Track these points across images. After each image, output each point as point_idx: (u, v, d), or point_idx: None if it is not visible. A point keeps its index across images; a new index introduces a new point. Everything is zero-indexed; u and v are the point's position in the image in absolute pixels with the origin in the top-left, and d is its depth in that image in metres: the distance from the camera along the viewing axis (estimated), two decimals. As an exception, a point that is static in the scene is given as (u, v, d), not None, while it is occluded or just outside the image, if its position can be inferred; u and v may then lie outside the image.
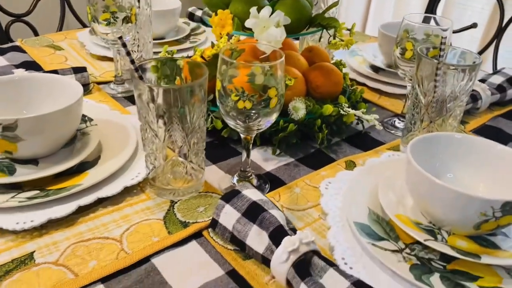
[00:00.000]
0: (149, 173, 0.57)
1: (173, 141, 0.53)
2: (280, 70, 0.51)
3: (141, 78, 0.51)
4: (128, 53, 0.51)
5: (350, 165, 0.65)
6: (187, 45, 1.05)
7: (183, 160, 0.55)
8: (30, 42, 1.05)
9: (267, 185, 0.60)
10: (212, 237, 0.51)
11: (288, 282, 0.44)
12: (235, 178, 0.61)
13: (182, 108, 0.51)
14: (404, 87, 0.89)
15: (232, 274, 0.46)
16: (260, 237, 0.47)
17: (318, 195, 0.59)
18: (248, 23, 0.63)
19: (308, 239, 0.44)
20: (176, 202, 0.56)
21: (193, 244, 0.50)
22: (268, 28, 0.63)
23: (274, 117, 0.54)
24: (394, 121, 0.80)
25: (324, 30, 0.71)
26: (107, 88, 0.85)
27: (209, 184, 0.60)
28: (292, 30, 0.68)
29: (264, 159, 0.67)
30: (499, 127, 0.81)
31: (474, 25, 1.34)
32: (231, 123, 0.55)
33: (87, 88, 0.83)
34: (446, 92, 0.62)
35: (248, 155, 0.58)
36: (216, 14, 0.69)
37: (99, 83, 0.86)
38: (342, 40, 0.71)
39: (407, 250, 0.49)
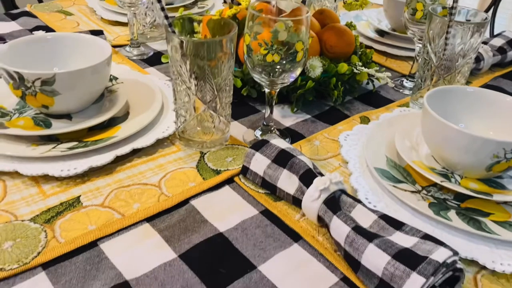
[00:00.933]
0: (179, 126, 0.60)
1: (203, 95, 0.56)
2: (306, 25, 0.54)
3: (173, 32, 0.54)
4: (163, 9, 0.54)
5: (365, 120, 0.69)
6: (195, 10, 1.07)
7: (212, 114, 0.58)
8: (39, 8, 1.05)
9: (288, 139, 0.64)
10: (243, 183, 0.55)
11: (319, 218, 0.48)
12: (258, 131, 0.64)
13: (213, 62, 0.54)
14: (410, 49, 0.93)
15: (265, 213, 0.50)
16: (291, 180, 0.51)
17: (337, 147, 0.63)
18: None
19: (337, 179, 0.48)
20: (205, 153, 0.59)
21: (227, 188, 0.54)
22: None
23: (298, 71, 0.57)
24: (402, 81, 0.83)
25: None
26: (122, 51, 0.87)
27: (234, 138, 0.63)
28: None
29: (282, 116, 0.70)
30: (500, 86, 0.85)
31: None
32: (256, 77, 0.58)
33: (104, 51, 0.84)
34: (456, 50, 0.66)
35: (271, 110, 0.62)
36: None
37: (114, 46, 0.88)
38: (357, 0, 0.73)
39: (424, 192, 0.53)
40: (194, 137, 0.60)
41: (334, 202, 0.47)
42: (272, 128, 0.64)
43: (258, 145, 0.55)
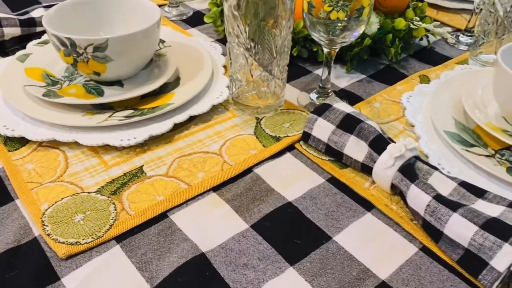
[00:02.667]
0: (234, 91, 0.58)
1: (261, 58, 0.53)
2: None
3: (230, -8, 0.51)
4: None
5: (425, 79, 0.66)
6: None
7: (269, 77, 0.55)
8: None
9: (345, 101, 0.61)
10: (305, 149, 0.53)
11: (392, 186, 0.46)
12: (314, 94, 0.61)
13: (273, 21, 0.50)
14: (464, 0, 0.87)
15: (332, 181, 0.49)
16: (359, 146, 0.49)
17: (399, 109, 0.60)
18: None
19: (412, 145, 0.45)
20: (261, 119, 0.57)
21: (288, 156, 0.52)
22: None
23: (362, 29, 0.53)
24: (458, 36, 0.78)
25: None
26: (161, 12, 0.84)
27: (289, 102, 0.61)
28: None
29: (336, 77, 0.67)
30: None
31: None
32: (315, 35, 0.55)
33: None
34: (528, 0, 0.61)
35: (329, 72, 0.59)
36: None
37: (152, 7, 0.85)
38: None
39: (498, 156, 0.50)
40: (249, 102, 0.58)
41: (410, 170, 0.44)
42: (329, 91, 0.61)
43: (320, 110, 0.52)
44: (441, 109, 0.56)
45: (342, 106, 0.52)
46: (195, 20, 0.82)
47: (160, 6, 0.86)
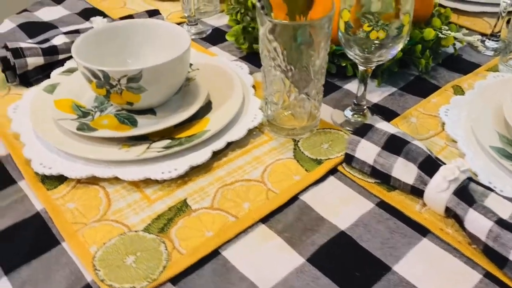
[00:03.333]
0: (270, 113, 0.56)
1: (298, 80, 0.52)
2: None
3: (266, 14, 0.50)
4: (256, -9, 0.49)
5: (458, 90, 0.64)
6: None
7: (305, 98, 0.54)
8: (80, -12, 1.00)
9: (380, 117, 0.60)
10: (349, 172, 0.51)
11: (446, 210, 0.45)
12: (349, 112, 0.60)
13: (311, 44, 0.49)
14: (487, 4, 0.85)
15: (382, 205, 0.48)
16: (407, 168, 0.47)
17: (436, 123, 0.59)
18: None
19: (465, 167, 0.44)
20: (298, 141, 0.56)
21: (332, 179, 0.51)
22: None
23: (400, 46, 0.52)
24: (484, 41, 0.77)
25: None
26: (179, 30, 0.82)
27: (323, 120, 0.60)
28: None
29: (374, 93, 0.66)
30: None
31: None
32: (350, 54, 0.54)
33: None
34: None
35: (365, 89, 0.58)
36: None
37: (169, 25, 0.84)
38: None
39: (548, 170, 0.49)
40: (285, 124, 0.57)
41: (466, 193, 0.43)
42: (365, 107, 0.60)
43: (362, 131, 0.51)
44: (481, 122, 0.55)
45: (385, 126, 0.51)
46: (215, 37, 0.80)
47: (178, 24, 0.85)
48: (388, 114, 0.61)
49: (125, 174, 0.49)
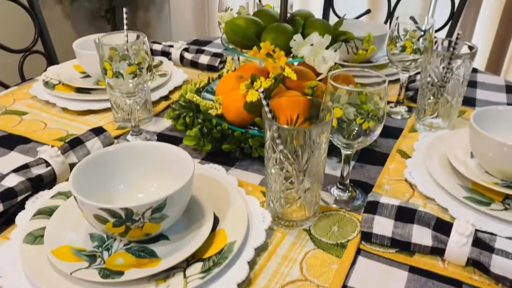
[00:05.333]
0: (278, 209, 0.59)
1: (302, 180, 0.56)
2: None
3: (273, 118, 0.54)
4: (265, 98, 0.53)
5: (403, 154, 0.76)
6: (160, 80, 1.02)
7: (311, 189, 0.58)
8: (-21, 113, 0.90)
9: (377, 193, 0.67)
10: (371, 248, 0.57)
11: (468, 261, 0.53)
12: (335, 191, 0.66)
13: (310, 147, 0.54)
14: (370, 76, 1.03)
15: (413, 270, 0.54)
16: (423, 233, 0.55)
17: (407, 186, 0.68)
18: (304, 51, 0.68)
19: (471, 221, 0.53)
20: (309, 229, 0.60)
21: (361, 259, 0.55)
22: (320, 52, 0.69)
23: (379, 130, 0.61)
24: (393, 107, 0.93)
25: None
26: (122, 141, 0.80)
27: (316, 204, 0.64)
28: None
29: (333, 168, 0.73)
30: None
31: (368, 11, 1.56)
32: (334, 141, 0.61)
33: (110, 148, 0.77)
34: (460, 77, 0.77)
35: (349, 170, 0.65)
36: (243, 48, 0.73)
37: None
38: (366, 50, 0.80)
39: (506, 206, 0.62)
40: (294, 217, 0.60)
41: (482, 242, 0.52)
42: (350, 186, 0.66)
43: (371, 209, 0.57)
44: (443, 178, 0.66)
45: (387, 200, 0.58)
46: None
47: (118, 136, 0.82)
48: (365, 187, 0.69)
49: (179, 312, 0.46)
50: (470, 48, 0.78)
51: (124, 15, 0.77)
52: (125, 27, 0.76)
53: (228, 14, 0.81)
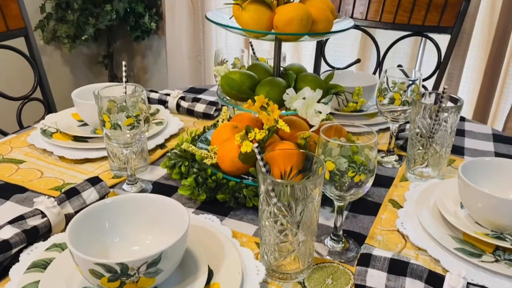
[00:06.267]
0: (272, 262, 0.59)
1: (298, 232, 0.57)
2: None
3: (268, 172, 0.55)
4: (260, 153, 0.54)
5: (395, 204, 0.78)
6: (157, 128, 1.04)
7: (305, 241, 0.59)
8: (-24, 162, 0.91)
9: (371, 245, 0.68)
10: (365, 300, 0.57)
11: (460, 312, 0.53)
12: (329, 242, 0.67)
13: (304, 200, 0.55)
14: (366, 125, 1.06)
15: (407, 325, 0.54)
16: (416, 286, 0.55)
17: (399, 237, 0.69)
18: (297, 105, 0.71)
19: (463, 274, 0.54)
20: (303, 282, 0.60)
21: (355, 312, 0.56)
22: (312, 105, 0.72)
23: (370, 183, 0.62)
24: (383, 157, 0.95)
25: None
26: (119, 191, 0.81)
27: (310, 256, 0.65)
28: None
29: (326, 218, 0.74)
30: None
31: (358, 61, 1.61)
32: (327, 192, 0.62)
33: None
34: (448, 128, 0.80)
35: (342, 221, 0.66)
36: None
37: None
38: (356, 102, 0.83)
39: (497, 257, 0.63)
40: (288, 269, 0.60)
41: (473, 294, 0.53)
42: (343, 237, 0.67)
43: (364, 261, 0.58)
44: (434, 229, 0.67)
45: (379, 252, 0.59)
46: (159, 193, 0.81)
47: (114, 185, 0.83)
48: (358, 237, 0.70)
49: None
50: (456, 101, 0.81)
51: (123, 68, 0.80)
52: (124, 79, 0.79)
53: (224, 68, 0.85)
